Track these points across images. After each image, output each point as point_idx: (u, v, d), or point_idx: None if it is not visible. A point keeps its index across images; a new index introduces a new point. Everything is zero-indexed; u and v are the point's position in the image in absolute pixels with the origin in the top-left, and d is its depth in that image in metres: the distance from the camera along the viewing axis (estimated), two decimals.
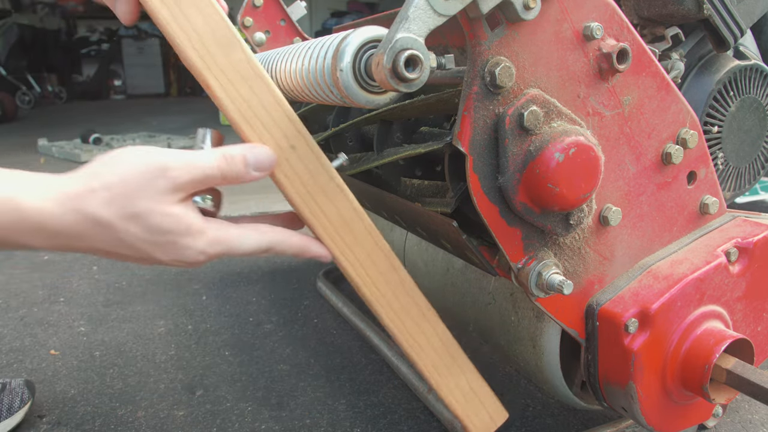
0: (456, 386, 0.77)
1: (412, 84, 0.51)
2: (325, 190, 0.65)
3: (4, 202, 0.52)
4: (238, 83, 0.60)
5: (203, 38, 0.58)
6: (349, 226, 0.67)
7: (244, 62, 0.60)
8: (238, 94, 0.60)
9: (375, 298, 0.71)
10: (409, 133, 0.90)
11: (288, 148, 0.62)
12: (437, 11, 0.52)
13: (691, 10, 0.87)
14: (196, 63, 0.58)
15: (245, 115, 0.60)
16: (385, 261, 0.70)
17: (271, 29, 1.36)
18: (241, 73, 0.60)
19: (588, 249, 0.71)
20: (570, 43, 0.64)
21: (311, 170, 0.64)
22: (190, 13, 0.58)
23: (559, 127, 0.62)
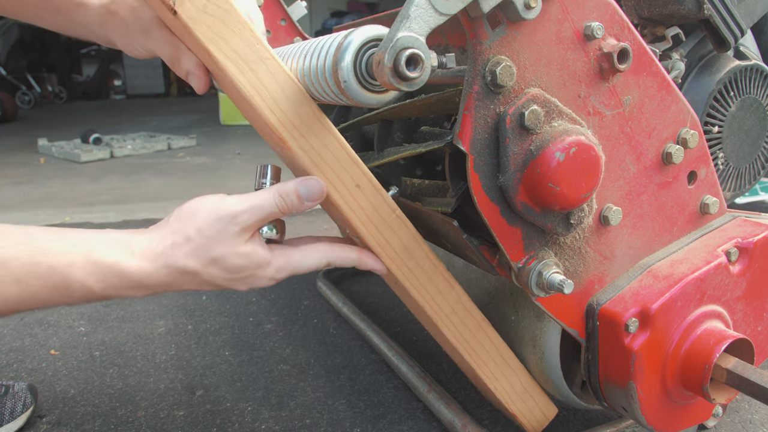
0: (511, 388, 0.86)
1: (413, 83, 0.51)
2: (387, 222, 0.73)
3: (110, 267, 0.62)
4: (310, 137, 0.67)
5: (276, 98, 0.65)
6: (410, 252, 0.75)
7: (311, 116, 0.66)
8: (309, 146, 0.67)
9: (437, 314, 0.78)
10: (409, 132, 0.90)
11: (354, 188, 0.70)
12: (438, 10, 0.52)
13: (691, 10, 0.87)
14: (271, 120, 0.65)
15: (317, 162, 0.68)
16: (443, 280, 0.78)
17: (271, 29, 1.36)
18: (311, 127, 0.66)
19: (588, 248, 0.71)
20: (571, 42, 0.64)
21: (375, 205, 0.72)
22: (263, 76, 0.64)
23: (560, 126, 0.62)
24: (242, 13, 0.64)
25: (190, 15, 0.62)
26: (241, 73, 0.64)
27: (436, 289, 0.78)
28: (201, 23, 0.62)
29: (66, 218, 2.47)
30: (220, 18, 0.63)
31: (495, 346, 0.83)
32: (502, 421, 1.02)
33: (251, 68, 0.64)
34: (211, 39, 0.63)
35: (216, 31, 0.63)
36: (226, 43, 0.63)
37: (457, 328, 0.80)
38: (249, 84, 0.64)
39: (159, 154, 4.22)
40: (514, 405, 0.87)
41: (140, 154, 4.20)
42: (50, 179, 3.34)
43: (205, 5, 0.62)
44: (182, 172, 3.50)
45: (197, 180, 3.27)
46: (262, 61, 0.64)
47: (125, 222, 2.41)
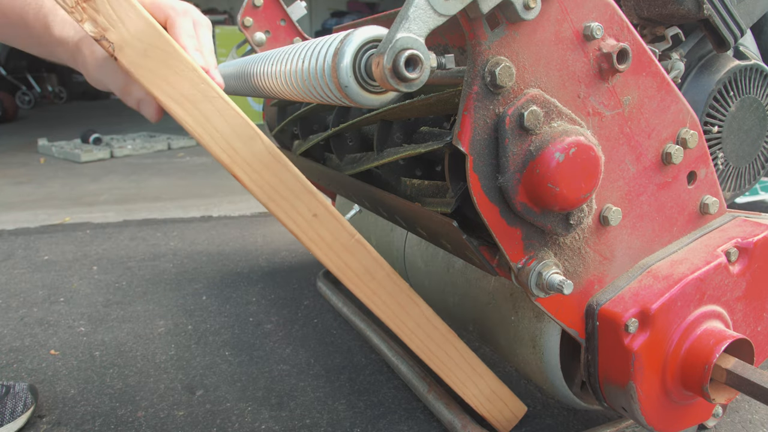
0: (479, 392, 0.90)
1: (413, 84, 0.51)
2: (347, 248, 0.75)
3: None
4: (263, 171, 0.68)
5: (225, 136, 0.66)
6: (371, 274, 0.78)
7: (264, 152, 0.68)
8: (263, 180, 0.68)
9: (401, 330, 0.82)
10: (409, 133, 0.90)
11: (311, 217, 0.72)
12: (437, 11, 0.52)
13: (691, 10, 0.87)
14: (223, 159, 0.66)
15: (272, 196, 0.69)
16: (405, 297, 0.81)
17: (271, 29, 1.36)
18: (263, 162, 0.68)
19: (588, 249, 0.71)
20: (570, 43, 0.64)
21: (333, 233, 0.74)
22: (210, 115, 0.65)
23: (560, 127, 0.62)
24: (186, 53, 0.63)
25: (130, 60, 0.61)
26: (187, 114, 0.64)
27: (399, 307, 0.81)
28: (142, 68, 0.61)
29: (66, 218, 2.47)
30: (163, 61, 0.62)
31: (461, 355, 0.87)
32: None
33: (198, 108, 0.64)
34: (154, 83, 0.62)
35: (159, 75, 0.62)
36: (170, 85, 0.63)
37: (422, 341, 0.84)
38: (197, 124, 0.64)
39: (159, 154, 4.22)
40: (483, 407, 0.92)
41: (140, 154, 4.21)
42: (50, 179, 3.34)
43: (145, 50, 0.61)
44: (182, 172, 3.50)
45: (197, 180, 3.27)
46: (208, 100, 0.64)
47: (125, 222, 2.41)
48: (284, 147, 1.40)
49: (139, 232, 2.26)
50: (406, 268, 1.16)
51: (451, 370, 0.87)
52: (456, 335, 0.86)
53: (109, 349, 1.33)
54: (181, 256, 1.97)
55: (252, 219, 2.42)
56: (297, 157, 1.23)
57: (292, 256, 1.95)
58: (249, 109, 5.94)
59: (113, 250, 2.05)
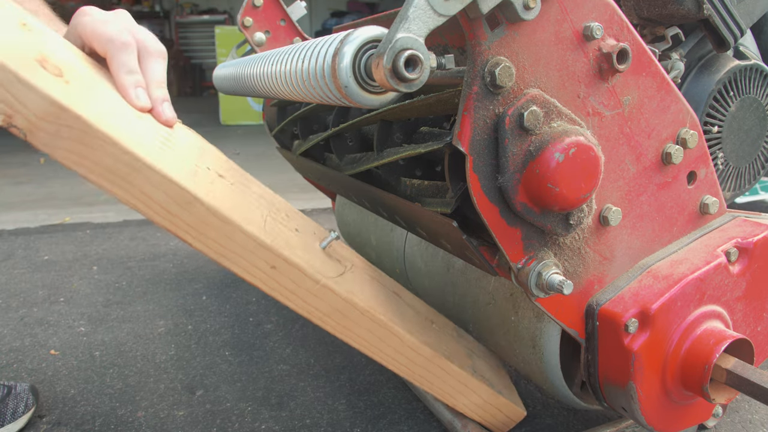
0: (471, 403, 0.91)
1: (412, 84, 0.51)
2: (312, 292, 0.73)
3: None
4: (208, 231, 0.65)
5: (163, 205, 0.62)
6: (342, 313, 0.76)
7: (206, 213, 0.64)
8: (212, 240, 0.65)
9: (385, 361, 0.82)
10: (409, 133, 0.90)
11: (269, 269, 0.69)
12: (437, 11, 0.52)
13: (690, 10, 0.87)
14: (166, 226, 0.63)
15: (225, 255, 0.67)
16: (382, 330, 0.79)
17: (271, 29, 1.36)
18: (207, 223, 0.64)
19: (588, 249, 0.71)
20: (570, 43, 0.64)
21: (295, 281, 0.71)
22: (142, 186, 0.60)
23: (559, 127, 0.62)
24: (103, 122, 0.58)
25: (44, 143, 0.57)
26: (118, 188, 0.60)
27: (377, 339, 0.79)
28: (59, 149, 0.57)
29: (66, 218, 2.47)
30: (77, 139, 0.57)
31: (448, 374, 0.87)
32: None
33: (127, 181, 0.60)
34: (74, 161, 0.58)
35: (77, 153, 0.58)
36: (92, 162, 0.58)
37: (406, 366, 0.83)
38: (130, 196, 0.61)
39: None
40: (477, 415, 0.92)
41: None
42: (50, 179, 3.34)
43: (57, 131, 0.56)
44: None
45: None
46: (136, 171, 0.60)
47: (125, 222, 2.41)
48: (284, 147, 1.40)
49: (139, 232, 2.26)
50: (406, 269, 1.16)
51: (439, 386, 0.87)
52: (443, 357, 0.85)
53: (109, 349, 1.33)
54: (181, 256, 1.97)
55: None
56: (297, 157, 1.23)
57: None
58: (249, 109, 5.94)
59: (113, 250, 2.05)
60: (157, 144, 0.64)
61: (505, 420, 0.95)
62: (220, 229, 0.65)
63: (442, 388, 0.87)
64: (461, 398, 0.90)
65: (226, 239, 0.66)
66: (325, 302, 0.74)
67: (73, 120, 0.56)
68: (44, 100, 0.54)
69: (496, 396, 0.92)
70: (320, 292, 0.73)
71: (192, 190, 0.63)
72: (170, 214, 0.62)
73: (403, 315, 0.85)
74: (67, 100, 0.56)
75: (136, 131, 0.63)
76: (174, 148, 0.67)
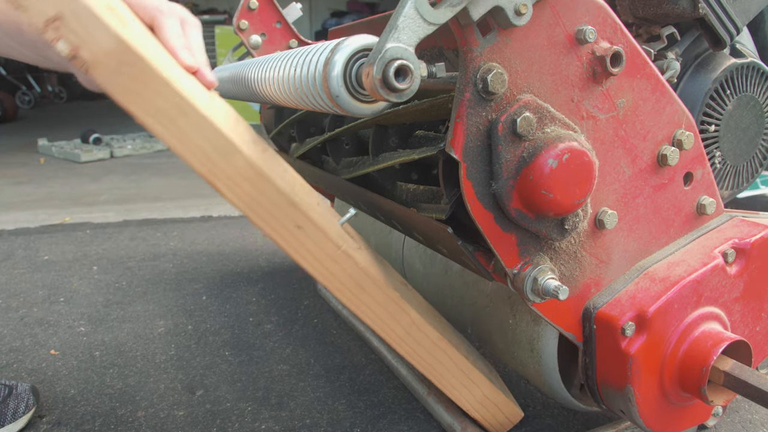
0: (472, 397, 0.91)
1: (402, 94, 0.50)
2: (333, 258, 0.74)
3: None
4: (244, 184, 0.67)
5: (205, 151, 0.65)
6: (359, 283, 0.77)
7: (245, 166, 0.67)
8: (244, 193, 0.68)
9: (390, 338, 0.82)
10: (404, 137, 0.90)
11: (295, 229, 0.71)
12: (427, 20, 0.51)
13: (686, 9, 0.87)
14: (204, 173, 0.65)
15: (254, 209, 0.69)
16: (395, 306, 0.80)
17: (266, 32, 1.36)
18: (244, 175, 0.67)
19: (584, 253, 0.71)
20: (563, 47, 0.63)
21: (318, 244, 0.73)
22: (188, 130, 0.64)
23: (553, 132, 0.62)
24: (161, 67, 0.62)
25: (104, 78, 0.60)
26: (165, 130, 0.63)
27: (388, 315, 0.80)
28: (116, 84, 0.61)
29: (66, 218, 2.47)
30: (135, 77, 0.61)
31: (453, 362, 0.87)
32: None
33: (175, 124, 0.63)
34: (129, 99, 0.61)
35: (133, 90, 0.61)
36: (145, 100, 0.62)
37: (412, 348, 0.84)
38: (175, 140, 0.63)
39: (159, 154, 4.22)
40: (476, 412, 0.92)
41: (140, 154, 4.20)
42: (50, 179, 3.34)
43: (118, 67, 0.60)
44: (182, 172, 3.50)
45: (197, 180, 3.26)
46: (184, 115, 0.63)
47: (125, 222, 2.41)
48: (282, 149, 1.39)
49: (139, 232, 2.27)
50: (405, 270, 1.16)
51: (442, 375, 0.87)
52: (449, 343, 0.86)
53: (109, 349, 1.33)
54: (181, 256, 1.98)
55: None
56: (294, 160, 1.23)
57: None
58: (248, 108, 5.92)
59: (113, 250, 2.05)
60: (204, 98, 0.67)
61: (504, 420, 0.95)
62: (254, 183, 0.68)
63: (445, 377, 0.88)
64: (464, 391, 0.90)
65: (259, 193, 0.68)
66: (344, 269, 0.75)
67: (135, 59, 0.60)
68: (112, 38, 0.59)
69: (497, 392, 0.92)
70: (341, 258, 0.75)
71: (235, 141, 0.66)
72: (210, 161, 0.65)
73: (411, 298, 0.86)
74: (132, 41, 0.60)
75: (187, 81, 0.67)
76: (217, 108, 0.70)
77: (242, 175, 0.67)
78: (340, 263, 0.75)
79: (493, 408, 0.93)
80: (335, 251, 0.74)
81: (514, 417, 0.96)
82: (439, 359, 0.86)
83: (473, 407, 0.92)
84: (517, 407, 0.96)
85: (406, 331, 0.82)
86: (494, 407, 0.93)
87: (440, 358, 0.86)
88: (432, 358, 0.85)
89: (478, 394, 0.91)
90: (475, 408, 0.92)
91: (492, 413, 0.93)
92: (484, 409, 0.92)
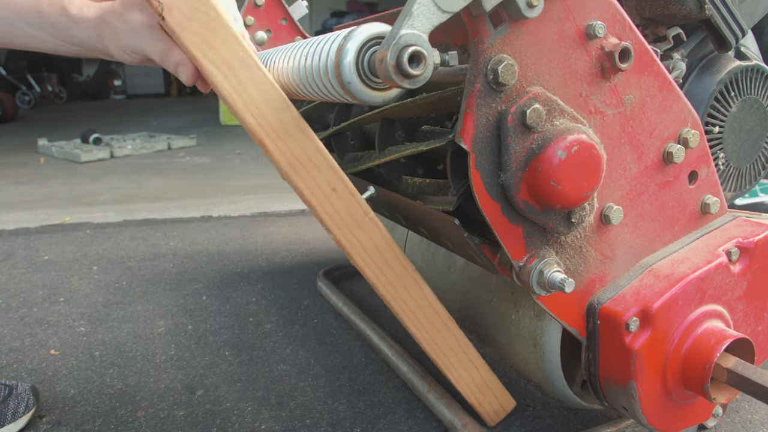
0: (472, 381, 0.92)
1: (416, 80, 0.51)
2: (360, 225, 0.77)
3: None
4: (289, 141, 0.70)
5: (257, 103, 0.68)
6: (381, 252, 0.79)
7: (292, 122, 0.70)
8: (288, 150, 0.70)
9: (402, 310, 0.84)
10: (410, 131, 0.90)
11: (330, 191, 0.74)
12: (441, 8, 0.52)
13: (692, 11, 0.87)
14: (253, 126, 0.68)
15: (294, 166, 0.71)
16: (410, 280, 0.83)
17: (272, 28, 1.37)
18: (290, 132, 0.70)
19: (589, 248, 0.72)
20: (573, 41, 0.64)
21: (349, 208, 0.76)
22: (246, 82, 0.67)
23: (562, 125, 0.62)
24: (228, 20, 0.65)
25: (177, 21, 0.63)
26: (225, 79, 0.66)
27: (403, 287, 0.82)
28: (187, 30, 0.64)
29: (66, 218, 2.47)
30: (206, 25, 0.64)
31: (458, 342, 0.89)
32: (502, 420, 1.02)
33: (235, 75, 0.66)
34: (197, 45, 0.65)
35: (202, 38, 0.64)
36: (212, 49, 0.65)
37: (422, 323, 0.85)
38: (232, 90, 0.66)
39: (159, 154, 4.22)
40: (474, 396, 0.93)
41: (140, 154, 4.21)
42: (50, 179, 3.34)
43: (191, 13, 0.63)
44: (182, 172, 3.50)
45: (197, 180, 3.27)
46: (245, 68, 0.66)
47: (125, 222, 2.41)
48: None
49: (139, 232, 2.26)
50: None
51: (446, 355, 0.89)
52: (455, 323, 0.87)
53: (109, 349, 1.33)
54: (181, 256, 1.97)
55: (252, 219, 2.42)
56: None
57: (292, 256, 1.95)
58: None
59: (113, 250, 2.05)
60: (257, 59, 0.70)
61: (498, 409, 0.96)
62: (299, 141, 0.71)
63: (448, 356, 0.89)
64: (464, 373, 0.91)
65: (302, 152, 0.71)
66: (369, 237, 0.78)
67: (208, 7, 0.64)
68: None
69: (495, 379, 0.94)
70: (367, 225, 0.77)
71: (286, 99, 0.69)
72: (261, 114, 0.68)
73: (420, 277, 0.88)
74: None
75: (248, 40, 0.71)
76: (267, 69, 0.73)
77: (289, 131, 0.70)
78: (366, 230, 0.78)
79: (490, 394, 0.94)
80: (363, 218, 0.77)
81: (507, 405, 0.97)
82: (445, 338, 0.87)
83: (471, 391, 0.93)
84: (510, 396, 0.97)
85: (417, 304, 0.84)
86: (491, 394, 0.94)
87: (446, 337, 0.87)
88: (438, 335, 0.87)
89: (477, 377, 0.92)
90: (472, 392, 0.93)
91: (488, 400, 0.95)
92: (481, 394, 0.94)
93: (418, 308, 0.84)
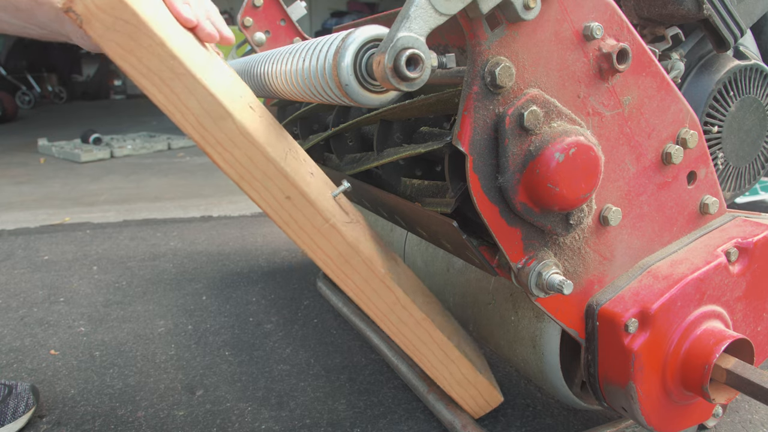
0: (451, 376, 0.92)
1: (414, 83, 0.51)
2: (320, 231, 0.75)
3: None
4: (234, 150, 0.68)
5: (196, 114, 0.65)
6: (345, 258, 0.78)
7: (235, 132, 0.67)
8: (234, 160, 0.68)
9: (373, 313, 0.83)
10: (409, 133, 0.90)
11: (284, 199, 0.72)
12: (438, 10, 0.52)
13: (691, 10, 0.87)
14: (195, 137, 0.65)
15: (243, 176, 0.69)
16: (379, 284, 0.81)
17: (271, 29, 1.36)
18: (234, 142, 0.67)
19: (588, 249, 0.71)
20: (570, 43, 0.64)
21: (307, 216, 0.74)
22: (180, 93, 0.64)
23: (559, 127, 0.62)
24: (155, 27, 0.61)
25: (98, 34, 0.60)
26: (159, 91, 0.63)
27: (373, 291, 0.81)
28: (110, 41, 0.60)
29: (66, 218, 2.47)
30: (130, 35, 0.60)
31: (434, 340, 0.88)
32: (502, 420, 1.02)
33: (168, 85, 0.63)
34: (122, 57, 0.61)
35: (127, 48, 0.61)
36: (139, 60, 0.61)
37: (395, 325, 0.85)
38: (168, 101, 0.64)
39: (159, 154, 4.22)
40: (455, 391, 0.94)
41: (140, 154, 4.21)
42: (50, 179, 3.34)
43: (113, 22, 0.59)
44: (182, 172, 3.50)
45: (197, 180, 3.27)
46: (178, 77, 0.63)
47: (125, 222, 2.41)
48: None
49: (139, 232, 2.26)
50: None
51: (422, 352, 0.88)
52: (431, 323, 0.87)
53: (109, 349, 1.33)
54: (181, 256, 1.97)
55: (252, 219, 2.42)
56: None
57: (292, 256, 1.95)
58: None
59: (113, 250, 2.05)
60: (201, 60, 0.67)
61: (483, 403, 0.96)
62: (245, 150, 0.68)
63: (425, 355, 0.89)
64: (443, 369, 0.91)
65: (249, 161, 0.69)
66: (331, 243, 0.76)
67: (130, 15, 0.59)
68: None
69: (476, 374, 0.93)
70: (328, 232, 0.75)
71: (227, 106, 0.66)
72: (201, 125, 0.65)
73: (400, 276, 0.87)
74: None
75: (183, 42, 0.66)
76: (213, 70, 0.69)
77: (232, 140, 0.67)
78: (328, 237, 0.76)
79: (472, 390, 0.94)
80: (323, 224, 0.75)
81: (493, 400, 0.97)
82: (420, 337, 0.87)
83: (450, 385, 0.93)
84: (497, 390, 0.97)
85: (389, 308, 0.83)
86: (473, 388, 0.94)
87: (421, 336, 0.87)
88: (413, 335, 0.86)
89: (456, 373, 0.92)
90: (452, 386, 0.93)
91: (470, 394, 0.94)
92: (461, 388, 0.93)
93: (390, 311, 0.83)
